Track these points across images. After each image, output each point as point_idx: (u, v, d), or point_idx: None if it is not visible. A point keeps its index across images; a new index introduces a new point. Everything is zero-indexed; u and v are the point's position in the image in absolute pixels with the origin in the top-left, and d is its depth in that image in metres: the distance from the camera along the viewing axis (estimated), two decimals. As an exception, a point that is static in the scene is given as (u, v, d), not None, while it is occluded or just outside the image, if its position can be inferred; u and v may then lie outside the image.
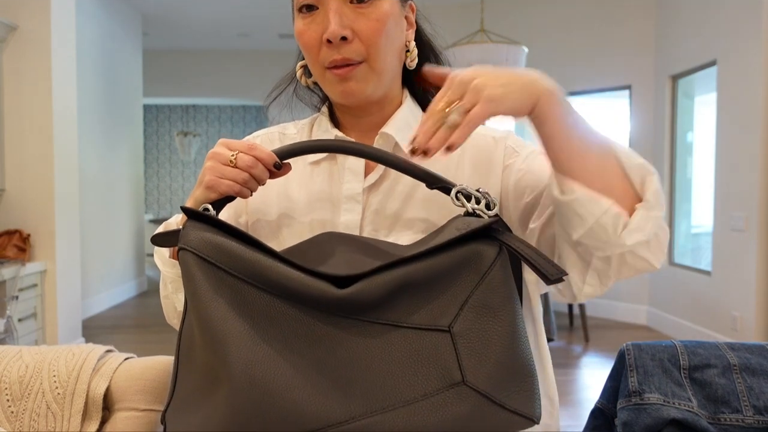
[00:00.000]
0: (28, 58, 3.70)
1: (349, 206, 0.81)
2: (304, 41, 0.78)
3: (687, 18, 4.63)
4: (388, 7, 0.76)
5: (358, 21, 0.75)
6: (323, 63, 0.77)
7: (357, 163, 0.82)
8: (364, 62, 0.76)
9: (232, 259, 0.63)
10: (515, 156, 0.83)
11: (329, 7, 0.74)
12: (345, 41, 0.74)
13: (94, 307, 5.54)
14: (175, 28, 7.23)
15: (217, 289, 0.62)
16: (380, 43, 0.76)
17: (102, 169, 5.65)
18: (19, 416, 0.94)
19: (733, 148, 4.03)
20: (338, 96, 0.79)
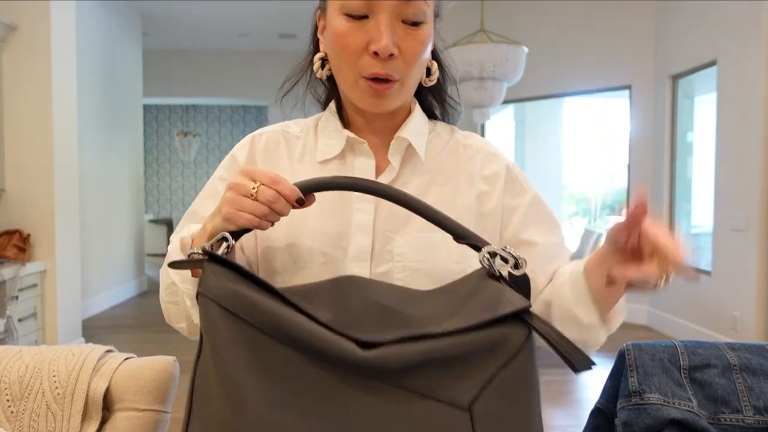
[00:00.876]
0: (28, 58, 3.70)
1: (361, 206, 0.81)
2: (345, 44, 0.77)
3: (687, 18, 4.63)
4: (429, 31, 0.79)
5: (405, 40, 0.76)
6: (361, 71, 0.77)
7: (367, 163, 0.83)
8: (398, 81, 0.78)
9: (254, 311, 0.61)
10: (522, 196, 0.88)
11: (382, 21, 0.74)
12: (391, 57, 0.75)
13: (94, 307, 5.54)
14: (175, 28, 7.24)
15: (237, 341, 0.61)
16: (417, 63, 0.79)
17: (102, 169, 5.65)
18: (19, 416, 0.94)
19: (733, 148, 4.03)
20: (367, 106, 0.80)
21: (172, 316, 0.83)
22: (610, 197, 12.09)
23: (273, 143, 0.87)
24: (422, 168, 0.86)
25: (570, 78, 5.61)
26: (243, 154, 0.87)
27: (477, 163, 0.88)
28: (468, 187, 0.86)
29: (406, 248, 0.80)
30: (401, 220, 0.81)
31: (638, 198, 0.69)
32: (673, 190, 4.99)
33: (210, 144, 11.18)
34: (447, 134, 0.92)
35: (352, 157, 0.84)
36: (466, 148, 0.90)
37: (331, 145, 0.85)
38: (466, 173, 0.87)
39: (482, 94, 4.26)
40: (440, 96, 0.92)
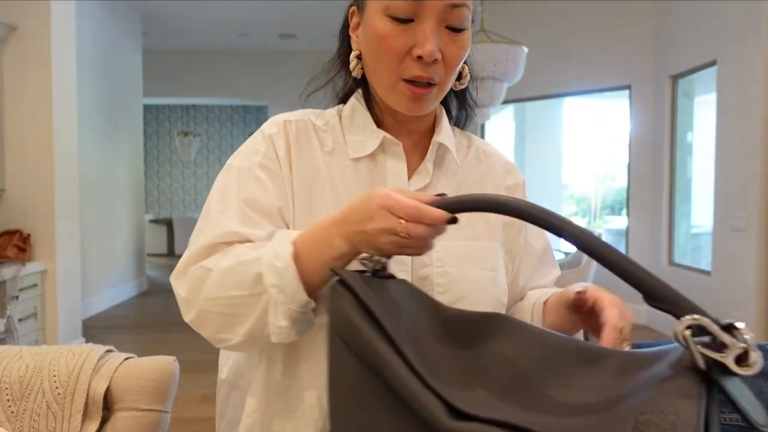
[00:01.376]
0: (28, 58, 3.70)
1: None
2: (388, 46, 0.76)
3: (687, 18, 4.63)
4: (469, 36, 0.80)
5: (448, 46, 0.76)
6: (402, 74, 0.76)
7: (399, 165, 0.83)
8: (437, 85, 0.78)
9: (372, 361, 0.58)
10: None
11: (428, 26, 0.74)
12: (434, 62, 0.75)
13: (94, 307, 5.54)
14: (175, 28, 7.24)
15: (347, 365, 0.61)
16: (456, 69, 0.80)
17: (102, 169, 5.66)
18: (20, 416, 0.94)
19: (733, 148, 4.03)
20: (403, 109, 0.79)
21: (220, 327, 0.74)
22: (610, 197, 12.09)
23: (303, 132, 0.84)
24: (453, 173, 0.87)
25: (570, 78, 5.61)
26: (281, 141, 0.82)
27: (500, 172, 0.91)
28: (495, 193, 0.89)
29: (443, 253, 0.80)
30: None
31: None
32: (673, 190, 4.99)
33: (210, 144, 11.18)
34: (466, 140, 0.93)
35: (383, 157, 0.83)
36: (487, 155, 0.92)
37: (362, 142, 0.83)
38: (492, 182, 0.90)
39: (482, 94, 4.24)
40: (464, 99, 0.93)
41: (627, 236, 5.47)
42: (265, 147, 0.81)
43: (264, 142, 0.82)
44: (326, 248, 0.68)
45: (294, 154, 0.81)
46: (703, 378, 0.50)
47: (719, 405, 0.58)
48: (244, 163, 0.81)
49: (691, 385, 0.50)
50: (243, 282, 0.70)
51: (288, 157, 0.81)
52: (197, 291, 0.73)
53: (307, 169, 0.81)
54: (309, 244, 0.69)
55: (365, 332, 0.58)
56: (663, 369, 0.52)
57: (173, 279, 0.76)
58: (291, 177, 0.80)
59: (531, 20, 5.75)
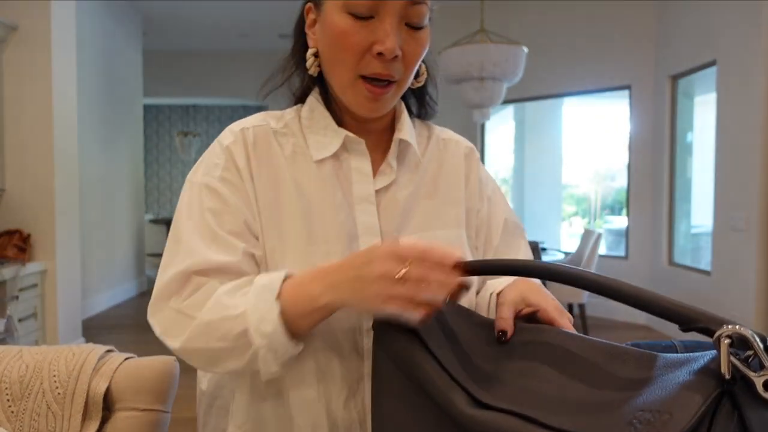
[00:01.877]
0: (28, 58, 3.70)
1: (362, 207, 0.80)
2: (347, 43, 0.75)
3: (687, 18, 4.63)
4: (428, 33, 0.79)
5: (408, 43, 0.76)
6: (361, 71, 0.75)
7: (364, 163, 0.82)
8: (396, 83, 0.78)
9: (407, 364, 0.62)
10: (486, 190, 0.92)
11: (388, 23, 0.73)
12: (394, 59, 0.75)
13: (94, 307, 5.54)
14: (175, 28, 7.24)
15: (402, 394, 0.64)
16: (416, 66, 0.79)
17: (102, 169, 5.66)
18: (20, 416, 0.94)
19: (733, 148, 4.03)
20: (361, 109, 0.79)
21: (206, 365, 0.75)
22: (610, 197, 12.09)
23: (262, 138, 0.82)
24: (415, 167, 0.86)
25: (570, 78, 5.61)
26: (239, 150, 0.80)
27: (460, 157, 0.91)
28: (456, 183, 0.89)
29: None
30: (402, 219, 0.82)
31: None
32: (673, 190, 4.99)
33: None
34: (426, 131, 0.93)
35: (347, 156, 0.82)
36: (446, 142, 0.93)
37: (324, 143, 0.82)
38: (454, 168, 0.90)
39: (482, 94, 4.26)
40: (422, 96, 0.92)
41: (627, 236, 5.47)
42: (223, 159, 0.80)
43: (222, 153, 0.80)
44: (307, 298, 0.69)
45: (254, 162, 0.80)
46: (722, 389, 0.49)
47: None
48: (205, 179, 0.79)
49: (701, 391, 0.49)
50: (227, 336, 0.70)
51: (248, 167, 0.79)
52: (177, 335, 0.72)
53: (270, 175, 0.80)
54: (293, 296, 0.69)
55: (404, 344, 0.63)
56: (684, 374, 0.52)
57: (150, 317, 0.75)
58: (253, 186, 0.79)
59: (531, 20, 5.75)
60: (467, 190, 0.90)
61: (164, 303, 0.73)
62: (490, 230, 0.91)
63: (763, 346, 0.49)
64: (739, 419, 0.48)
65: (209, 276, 0.73)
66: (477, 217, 0.90)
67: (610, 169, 11.99)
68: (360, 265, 0.66)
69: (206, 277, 0.73)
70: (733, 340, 0.50)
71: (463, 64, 4.15)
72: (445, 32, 5.84)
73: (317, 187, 0.80)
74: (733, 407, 0.49)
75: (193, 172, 0.82)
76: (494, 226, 0.91)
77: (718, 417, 0.49)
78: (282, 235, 0.78)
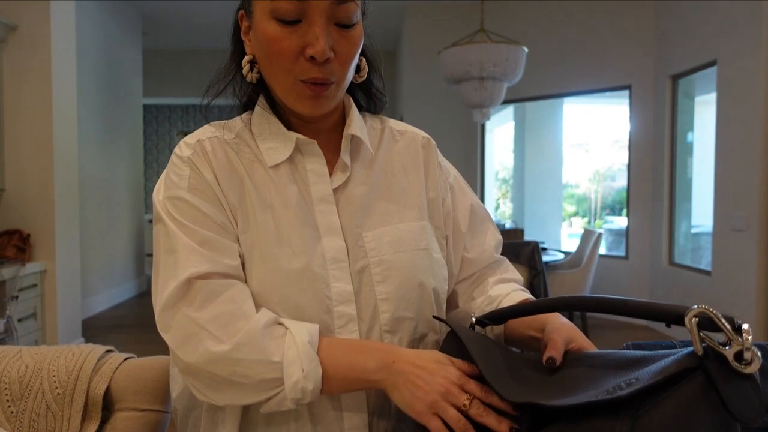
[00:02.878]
0: (28, 58, 3.70)
1: (322, 207, 0.81)
2: (278, 49, 0.75)
3: (687, 18, 4.63)
4: (360, 30, 0.78)
5: (339, 43, 0.75)
6: (298, 75, 0.75)
7: (318, 163, 0.82)
8: (335, 82, 0.77)
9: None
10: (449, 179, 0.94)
11: (317, 25, 0.73)
12: (327, 61, 0.75)
13: (94, 307, 5.54)
14: (175, 28, 7.23)
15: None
16: (352, 64, 0.79)
17: (102, 169, 5.65)
18: (19, 416, 0.94)
19: (733, 148, 4.03)
20: (306, 109, 0.78)
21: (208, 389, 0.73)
22: (610, 197, 12.09)
23: (219, 148, 0.82)
24: (369, 162, 0.87)
25: (570, 78, 5.61)
26: (201, 161, 0.80)
27: (417, 148, 0.91)
28: (416, 174, 0.89)
29: (375, 242, 0.81)
30: (362, 215, 0.83)
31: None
32: (673, 190, 4.99)
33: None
34: (378, 124, 0.93)
35: (301, 158, 0.83)
36: (402, 134, 0.93)
37: (276, 148, 0.82)
38: (411, 160, 0.90)
39: (482, 94, 4.26)
40: (368, 89, 0.91)
41: (627, 236, 5.47)
42: (188, 170, 0.79)
43: (185, 165, 0.80)
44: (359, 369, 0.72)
45: (217, 170, 0.80)
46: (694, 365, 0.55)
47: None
48: (175, 192, 0.78)
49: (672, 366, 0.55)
50: (254, 377, 0.71)
51: (213, 174, 0.79)
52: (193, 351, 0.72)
53: (233, 182, 0.80)
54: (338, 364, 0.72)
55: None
56: (667, 360, 0.58)
57: (162, 330, 0.74)
58: (222, 191, 0.79)
59: (531, 20, 5.75)
60: (428, 180, 0.90)
61: (174, 311, 0.73)
62: (457, 218, 0.92)
63: (731, 327, 0.53)
64: (715, 393, 0.52)
65: (211, 279, 0.73)
66: (443, 206, 0.91)
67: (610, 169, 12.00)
68: (432, 370, 0.69)
69: (209, 280, 0.73)
70: (701, 321, 0.55)
71: (463, 64, 4.15)
72: (445, 32, 5.84)
73: (276, 192, 0.80)
74: (707, 382, 0.53)
75: (157, 191, 0.80)
76: (461, 213, 0.92)
77: (685, 385, 0.54)
78: (253, 237, 0.78)
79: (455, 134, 6.28)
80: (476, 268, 0.92)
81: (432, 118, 6.16)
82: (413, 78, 6.33)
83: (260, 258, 0.77)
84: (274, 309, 0.76)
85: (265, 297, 0.76)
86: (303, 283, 0.76)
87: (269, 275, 0.76)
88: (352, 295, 0.78)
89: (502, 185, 11.05)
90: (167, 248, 0.76)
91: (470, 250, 0.92)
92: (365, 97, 0.92)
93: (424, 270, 0.82)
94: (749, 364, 0.52)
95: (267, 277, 0.76)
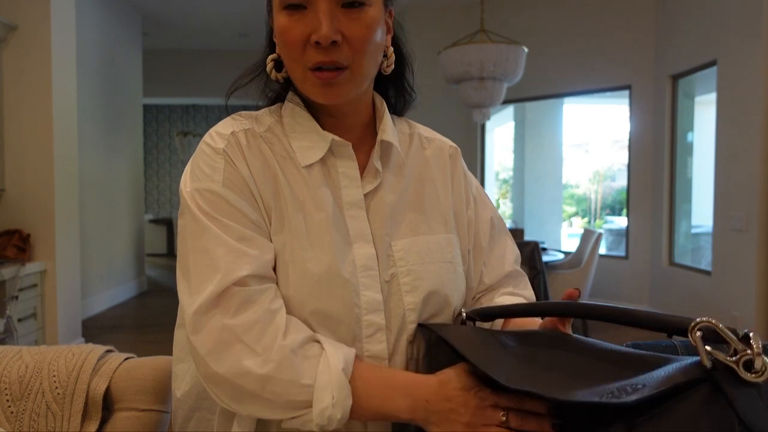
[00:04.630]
0: (28, 58, 3.70)
1: (353, 213, 0.80)
2: (287, 39, 0.74)
3: (687, 18, 4.63)
4: (375, 13, 0.75)
5: (348, 26, 0.73)
6: (306, 64, 0.74)
7: (351, 166, 0.81)
8: (347, 68, 0.75)
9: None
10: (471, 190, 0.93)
11: (320, 9, 0.72)
12: (334, 45, 0.72)
13: (94, 307, 5.54)
14: (175, 28, 7.24)
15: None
16: (367, 49, 0.75)
17: (102, 169, 5.65)
18: (19, 416, 0.94)
19: (733, 148, 4.03)
20: (320, 97, 0.77)
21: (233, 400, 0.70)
22: (610, 197, 12.09)
23: (253, 140, 0.80)
24: (399, 168, 0.85)
25: (570, 78, 5.61)
26: (236, 153, 0.78)
27: (445, 157, 0.91)
28: (443, 185, 0.89)
29: (404, 252, 0.80)
30: (391, 224, 0.81)
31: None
32: (673, 190, 4.99)
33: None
34: (407, 128, 0.92)
35: (333, 159, 0.81)
36: (430, 142, 0.92)
37: (310, 147, 0.80)
38: (440, 169, 0.89)
39: (482, 94, 4.26)
40: (400, 84, 0.90)
41: (627, 236, 5.47)
42: (222, 162, 0.77)
43: (219, 157, 0.77)
44: (389, 408, 0.70)
45: (252, 167, 0.78)
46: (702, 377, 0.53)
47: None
48: (207, 185, 0.76)
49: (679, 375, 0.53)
50: (282, 396, 0.69)
51: (248, 168, 0.77)
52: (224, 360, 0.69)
53: (268, 179, 0.78)
54: (368, 396, 0.71)
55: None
56: (673, 367, 0.56)
57: (192, 333, 0.71)
58: (256, 187, 0.77)
59: (531, 20, 5.75)
60: (454, 191, 0.89)
61: (208, 317, 0.70)
62: (478, 231, 0.91)
63: (736, 337, 0.51)
64: (726, 402, 0.50)
65: (248, 285, 0.71)
66: (466, 219, 0.90)
67: (610, 169, 12.00)
68: (462, 402, 0.68)
69: (245, 287, 0.71)
70: (705, 333, 0.53)
71: (463, 64, 4.15)
72: (445, 32, 5.84)
73: (309, 193, 0.78)
74: (714, 393, 0.51)
75: (185, 181, 0.78)
76: (482, 226, 0.91)
77: (691, 396, 0.52)
78: (285, 238, 0.77)
79: (455, 134, 6.25)
80: (492, 281, 0.91)
81: (432, 118, 6.14)
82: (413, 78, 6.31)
83: (292, 259, 0.75)
84: (301, 314, 0.74)
85: (294, 301, 0.74)
86: (332, 289, 0.75)
87: (298, 279, 0.75)
88: (381, 304, 0.77)
89: (502, 185, 11.05)
90: (200, 246, 0.73)
91: (488, 265, 0.91)
92: (395, 93, 0.91)
93: (450, 283, 0.82)
94: (760, 374, 0.50)
95: (296, 281, 0.75)
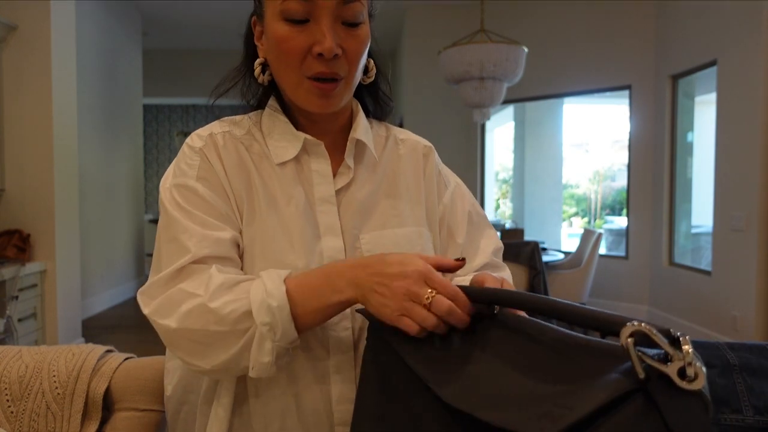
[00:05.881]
0: (28, 58, 3.70)
1: (324, 208, 0.84)
2: (288, 48, 0.78)
3: (687, 18, 4.63)
4: (367, 30, 0.82)
5: (347, 41, 0.78)
6: (305, 73, 0.79)
7: (323, 164, 0.85)
8: (342, 79, 0.80)
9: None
10: (447, 186, 0.96)
11: (323, 23, 0.76)
12: (335, 58, 0.77)
13: (94, 307, 5.54)
14: (175, 28, 7.23)
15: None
16: (359, 62, 0.82)
17: (102, 169, 5.65)
18: (19, 416, 0.94)
19: (733, 148, 4.03)
20: (313, 107, 0.81)
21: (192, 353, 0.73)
22: (610, 197, 12.09)
23: (230, 143, 0.85)
24: (372, 167, 0.90)
25: (570, 78, 5.61)
26: (211, 153, 0.83)
27: (418, 156, 0.94)
28: (416, 182, 0.92)
29: (371, 244, 0.84)
30: (361, 218, 0.85)
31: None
32: (673, 190, 4.99)
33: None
34: (383, 131, 0.96)
35: (307, 158, 0.86)
36: (404, 142, 0.95)
37: (284, 147, 0.85)
38: (412, 167, 0.93)
39: (482, 94, 4.26)
40: (375, 93, 0.95)
41: (627, 236, 5.47)
42: (198, 160, 0.83)
43: (195, 155, 0.83)
44: (328, 290, 0.71)
45: (226, 163, 0.83)
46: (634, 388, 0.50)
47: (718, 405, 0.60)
48: (182, 180, 0.81)
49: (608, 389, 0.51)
50: (226, 318, 0.70)
51: (222, 166, 0.82)
52: (170, 313, 0.72)
53: (241, 175, 0.83)
54: (305, 286, 0.72)
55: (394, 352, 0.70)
56: (614, 373, 0.53)
57: (141, 295, 0.76)
58: (229, 184, 0.82)
59: (531, 20, 5.75)
60: (426, 187, 0.93)
61: (166, 288, 0.74)
62: (452, 227, 0.93)
63: (668, 339, 0.49)
64: (659, 414, 0.49)
65: (207, 263, 0.75)
66: (439, 214, 0.93)
67: (610, 169, 12.00)
68: (391, 275, 0.68)
69: (204, 264, 0.75)
70: (637, 338, 0.50)
71: (463, 64, 4.15)
72: (445, 32, 5.84)
73: (281, 189, 0.83)
74: (648, 404, 0.49)
75: (166, 178, 0.83)
76: (457, 222, 0.94)
77: (625, 408, 0.50)
78: (256, 231, 0.81)
79: (455, 134, 6.28)
80: (467, 273, 0.92)
81: (432, 118, 6.16)
82: (413, 78, 6.33)
83: (261, 252, 0.80)
84: None
85: None
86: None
87: (266, 269, 0.78)
88: None
89: (502, 185, 11.05)
90: (170, 236, 0.78)
91: (467, 249, 0.94)
92: (372, 101, 0.95)
93: None
94: (694, 380, 0.48)
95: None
